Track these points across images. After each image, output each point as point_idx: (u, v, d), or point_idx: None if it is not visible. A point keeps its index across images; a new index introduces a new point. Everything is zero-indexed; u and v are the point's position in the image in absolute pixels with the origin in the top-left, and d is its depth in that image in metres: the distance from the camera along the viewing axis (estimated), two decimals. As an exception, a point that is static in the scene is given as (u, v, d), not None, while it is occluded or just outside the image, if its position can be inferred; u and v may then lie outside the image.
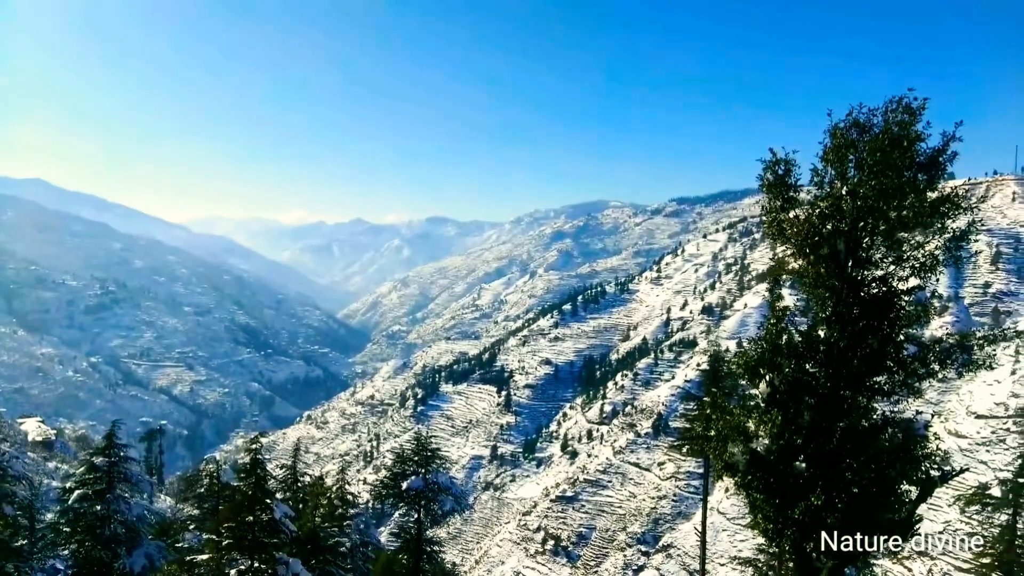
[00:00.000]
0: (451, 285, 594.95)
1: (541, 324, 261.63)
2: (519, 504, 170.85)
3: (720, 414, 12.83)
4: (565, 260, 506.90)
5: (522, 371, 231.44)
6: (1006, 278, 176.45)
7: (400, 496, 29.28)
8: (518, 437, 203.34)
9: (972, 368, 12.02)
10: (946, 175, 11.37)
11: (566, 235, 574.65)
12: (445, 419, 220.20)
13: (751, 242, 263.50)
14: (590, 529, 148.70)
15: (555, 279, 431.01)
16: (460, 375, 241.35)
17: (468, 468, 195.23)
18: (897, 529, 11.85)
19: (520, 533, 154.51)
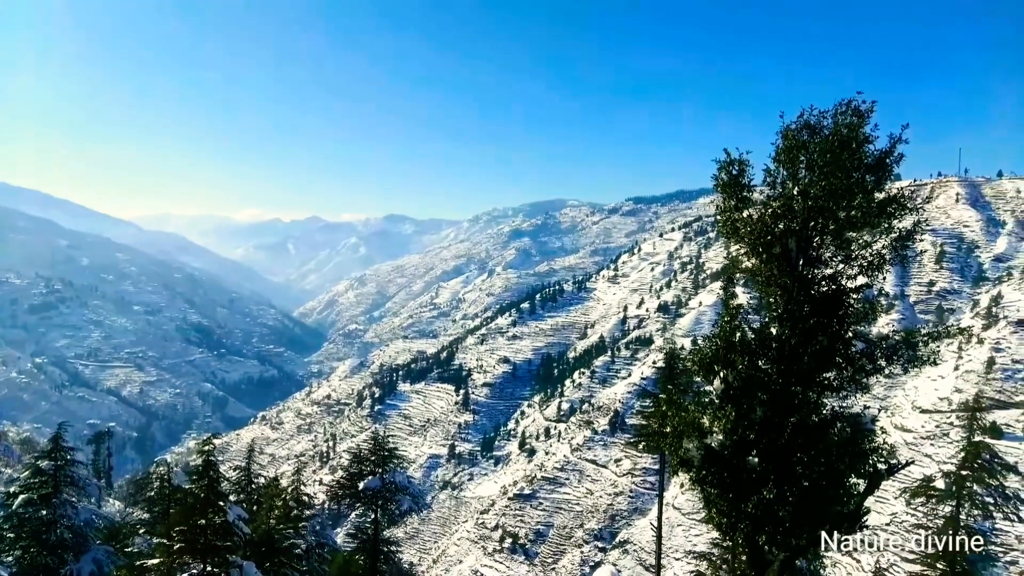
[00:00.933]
0: (409, 284, 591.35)
1: (499, 323, 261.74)
2: (477, 503, 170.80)
3: (675, 411, 12.98)
4: (523, 258, 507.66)
5: (480, 370, 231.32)
6: (949, 277, 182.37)
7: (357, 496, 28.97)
8: (476, 436, 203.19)
9: (917, 364, 12.33)
10: (892, 176, 11.67)
11: (524, 234, 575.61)
12: (403, 418, 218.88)
13: (706, 241, 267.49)
14: (548, 526, 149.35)
15: (513, 277, 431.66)
16: (418, 374, 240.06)
17: (426, 467, 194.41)
18: (846, 521, 12.13)
19: (478, 531, 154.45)
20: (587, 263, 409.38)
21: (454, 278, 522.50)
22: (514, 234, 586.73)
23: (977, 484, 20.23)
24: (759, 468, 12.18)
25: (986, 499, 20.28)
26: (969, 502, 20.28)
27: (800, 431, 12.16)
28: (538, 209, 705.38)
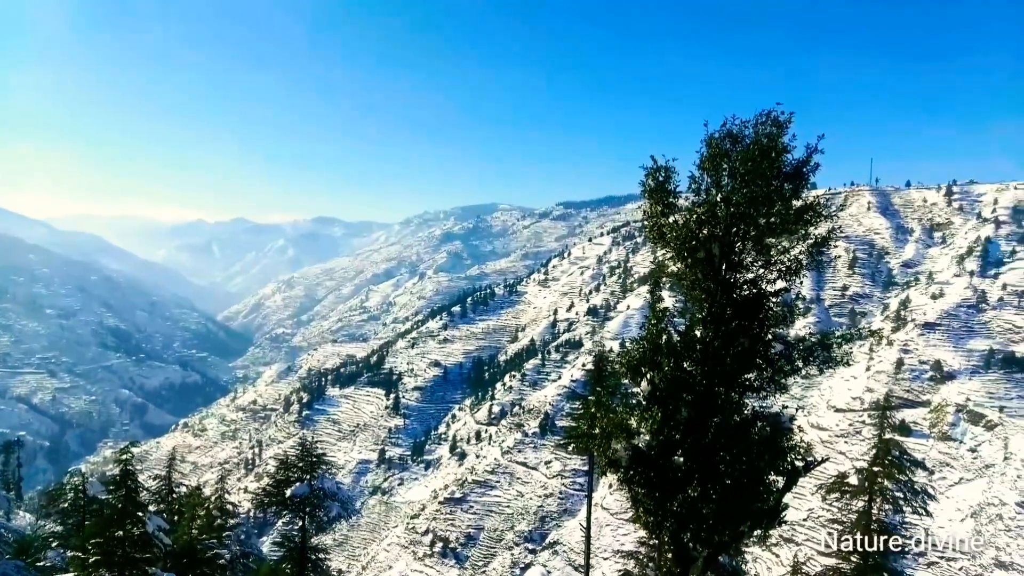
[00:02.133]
0: (338, 287, 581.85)
1: (430, 326, 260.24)
2: (407, 507, 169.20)
3: (604, 412, 13.18)
4: (455, 262, 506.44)
5: (411, 373, 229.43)
6: (861, 281, 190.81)
7: (284, 504, 28.28)
8: (407, 440, 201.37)
9: (831, 365, 12.83)
10: (809, 185, 12.13)
11: (456, 237, 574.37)
12: (332, 423, 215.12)
13: (634, 246, 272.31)
14: (478, 529, 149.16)
15: (445, 281, 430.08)
16: (347, 378, 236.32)
17: (355, 472, 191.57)
18: (766, 517, 12.51)
19: (408, 536, 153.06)
20: (518, 267, 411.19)
21: (385, 281, 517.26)
22: (445, 237, 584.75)
23: (887, 480, 21.16)
24: (684, 467, 12.45)
25: (896, 494, 21.23)
26: (880, 497, 21.20)
27: (723, 431, 12.49)
28: (470, 213, 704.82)
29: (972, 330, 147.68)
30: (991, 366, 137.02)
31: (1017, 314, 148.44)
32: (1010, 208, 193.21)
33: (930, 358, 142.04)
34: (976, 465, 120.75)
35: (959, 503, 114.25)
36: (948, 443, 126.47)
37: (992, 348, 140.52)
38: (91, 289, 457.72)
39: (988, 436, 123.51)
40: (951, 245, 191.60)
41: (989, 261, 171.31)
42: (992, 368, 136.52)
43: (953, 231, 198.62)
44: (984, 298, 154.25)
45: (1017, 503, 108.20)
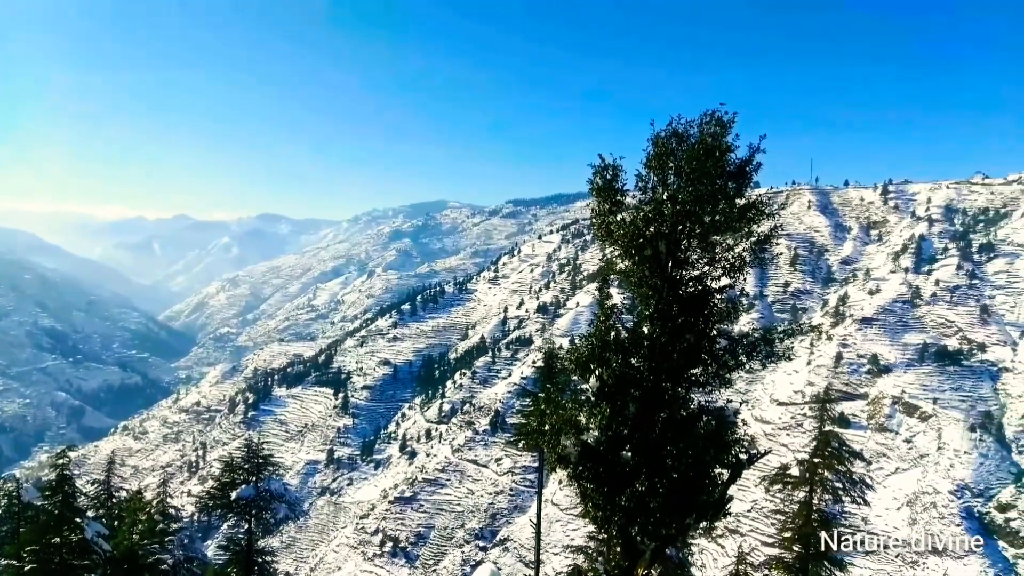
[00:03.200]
0: (285, 285, 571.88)
1: (380, 324, 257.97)
2: (357, 507, 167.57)
3: (553, 409, 13.25)
4: (404, 260, 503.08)
5: (360, 372, 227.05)
6: (802, 278, 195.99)
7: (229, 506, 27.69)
8: (356, 439, 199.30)
9: (774, 360, 13.12)
10: (752, 184, 12.39)
11: (405, 235, 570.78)
12: (279, 424, 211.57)
13: (583, 243, 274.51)
14: (429, 528, 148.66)
15: (394, 279, 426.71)
16: (295, 378, 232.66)
17: (304, 473, 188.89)
18: (711, 509, 12.75)
19: (357, 537, 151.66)
20: (468, 264, 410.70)
21: (333, 279, 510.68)
22: (395, 235, 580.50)
23: (828, 471, 21.77)
24: (632, 462, 12.58)
25: (836, 484, 21.85)
26: (821, 488, 21.80)
27: (670, 425, 12.66)
28: (419, 210, 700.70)
29: (907, 325, 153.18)
30: (925, 359, 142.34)
31: (949, 309, 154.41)
32: (942, 207, 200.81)
33: (867, 352, 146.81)
34: (911, 455, 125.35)
35: (895, 492, 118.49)
36: (885, 434, 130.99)
37: (926, 342, 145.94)
38: (24, 288, 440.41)
39: (922, 427, 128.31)
40: (887, 243, 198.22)
41: (923, 258, 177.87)
42: (926, 361, 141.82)
43: (889, 229, 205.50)
44: (918, 294, 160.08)
45: (950, 491, 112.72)
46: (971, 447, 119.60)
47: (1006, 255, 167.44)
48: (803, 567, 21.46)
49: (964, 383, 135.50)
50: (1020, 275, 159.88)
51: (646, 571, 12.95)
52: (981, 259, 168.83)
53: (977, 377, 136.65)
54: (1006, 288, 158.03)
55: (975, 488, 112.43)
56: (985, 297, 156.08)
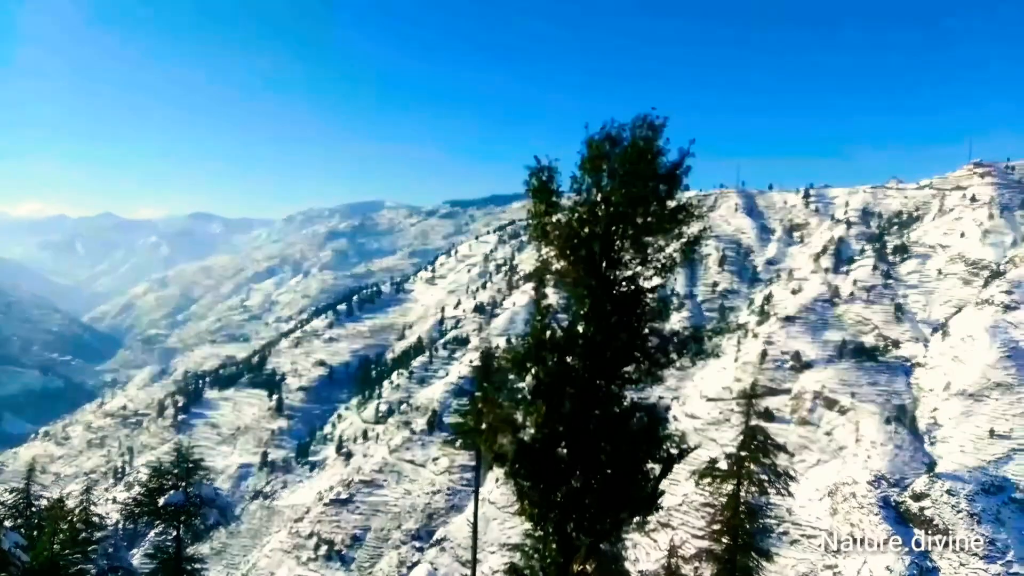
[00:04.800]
0: (217, 285, 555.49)
1: (315, 325, 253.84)
2: (291, 511, 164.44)
3: (490, 407, 13.33)
4: (340, 260, 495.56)
5: (295, 373, 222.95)
6: (730, 278, 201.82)
7: (157, 513, 26.81)
8: (291, 442, 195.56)
9: (703, 357, 13.51)
10: (682, 186, 12.74)
11: (342, 234, 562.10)
12: (210, 427, 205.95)
13: (519, 244, 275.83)
14: (365, 530, 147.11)
15: (330, 279, 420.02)
16: (227, 380, 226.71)
17: (236, 477, 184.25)
18: (644, 504, 13.04)
19: (292, 541, 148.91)
20: (405, 264, 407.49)
21: (267, 279, 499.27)
22: (331, 235, 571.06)
23: (754, 464, 22.46)
24: (568, 459, 12.76)
25: (761, 477, 22.55)
26: (748, 480, 22.48)
27: (604, 422, 12.89)
28: (356, 210, 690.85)
29: (827, 323, 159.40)
30: (843, 356, 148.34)
31: (866, 308, 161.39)
32: (859, 210, 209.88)
33: (790, 349, 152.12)
34: (831, 448, 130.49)
35: (817, 483, 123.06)
36: (807, 427, 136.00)
37: (844, 339, 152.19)
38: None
39: (841, 420, 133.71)
40: (808, 244, 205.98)
41: (842, 259, 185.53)
42: (844, 357, 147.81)
43: (810, 231, 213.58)
44: (837, 293, 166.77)
45: (868, 482, 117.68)
46: (887, 439, 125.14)
47: (918, 256, 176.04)
48: (731, 558, 22.12)
49: (880, 378, 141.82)
50: (931, 275, 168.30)
51: (581, 566, 13.17)
52: (895, 260, 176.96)
53: (892, 372, 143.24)
54: (918, 288, 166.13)
55: (891, 478, 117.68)
56: (899, 296, 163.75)
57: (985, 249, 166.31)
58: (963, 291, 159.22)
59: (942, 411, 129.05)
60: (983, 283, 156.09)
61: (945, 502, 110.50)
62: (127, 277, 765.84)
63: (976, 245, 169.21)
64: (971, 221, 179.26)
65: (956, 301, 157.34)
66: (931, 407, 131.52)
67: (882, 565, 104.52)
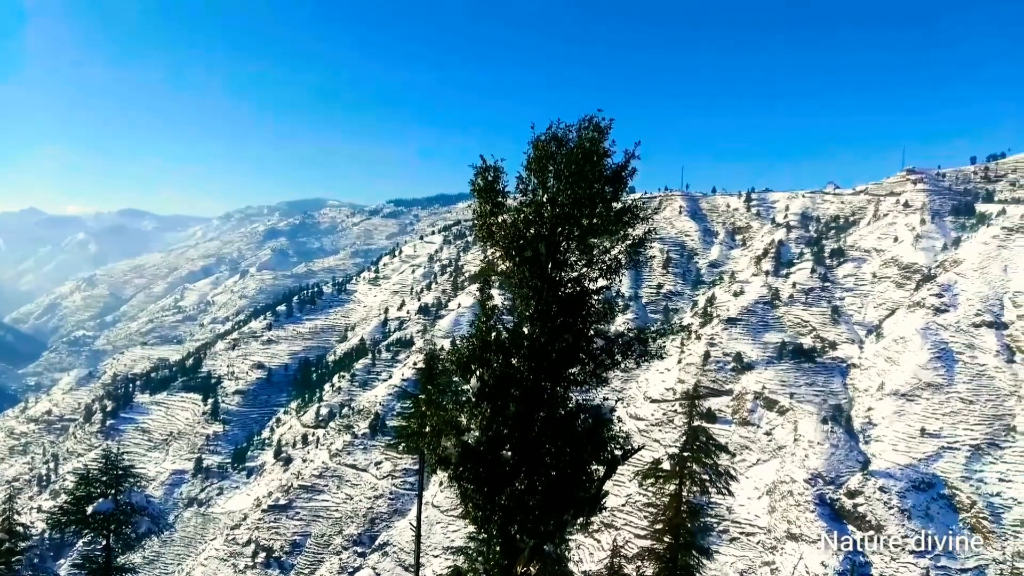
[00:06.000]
0: (149, 285, 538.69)
1: (253, 326, 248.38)
2: (227, 518, 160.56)
3: (434, 410, 13.16)
4: (280, 259, 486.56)
5: (232, 376, 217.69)
6: (674, 280, 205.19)
7: (85, 522, 25.74)
8: (227, 447, 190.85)
9: (647, 358, 13.58)
10: (627, 188, 12.81)
11: (281, 233, 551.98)
12: (141, 433, 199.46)
13: (465, 244, 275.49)
14: (305, 536, 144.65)
15: (269, 279, 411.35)
16: (159, 383, 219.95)
17: (169, 484, 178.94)
18: (588, 505, 13.04)
19: (228, 548, 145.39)
20: (347, 265, 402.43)
21: (202, 279, 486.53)
22: (270, 234, 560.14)
23: (696, 464, 22.78)
24: (512, 461, 12.69)
25: (703, 477, 22.88)
26: (690, 480, 22.78)
27: (549, 424, 12.85)
28: (296, 208, 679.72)
29: (767, 324, 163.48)
30: (783, 357, 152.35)
31: (804, 310, 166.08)
32: (799, 214, 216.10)
33: (732, 350, 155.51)
34: (771, 447, 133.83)
35: (756, 482, 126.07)
36: (747, 428, 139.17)
37: (784, 341, 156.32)
38: None
39: (781, 420, 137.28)
40: (750, 247, 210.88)
41: (782, 262, 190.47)
42: (784, 359, 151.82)
43: (752, 234, 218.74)
44: (777, 295, 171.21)
45: (805, 480, 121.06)
46: (823, 438, 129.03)
47: (854, 260, 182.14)
48: (673, 557, 22.36)
49: (817, 379, 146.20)
50: (866, 279, 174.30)
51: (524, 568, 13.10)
52: (832, 263, 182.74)
53: (829, 373, 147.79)
54: (854, 290, 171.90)
55: (827, 476, 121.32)
56: (836, 299, 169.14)
57: (917, 253, 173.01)
58: (896, 294, 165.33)
59: (876, 411, 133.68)
60: (915, 286, 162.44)
61: (878, 499, 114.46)
62: (53, 276, 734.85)
63: (909, 249, 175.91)
64: (904, 226, 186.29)
65: (889, 304, 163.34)
66: (866, 407, 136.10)
67: (817, 561, 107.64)
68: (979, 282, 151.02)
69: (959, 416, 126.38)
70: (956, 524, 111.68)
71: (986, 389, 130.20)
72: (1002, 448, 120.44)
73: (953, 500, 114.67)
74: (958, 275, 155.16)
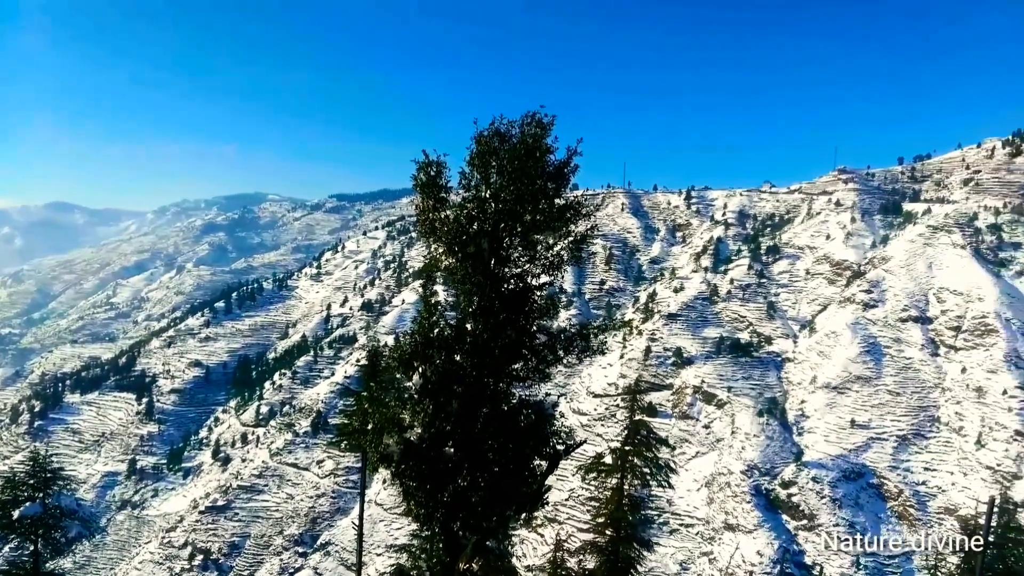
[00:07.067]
0: (79, 281, 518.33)
1: (190, 323, 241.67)
2: (163, 520, 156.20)
3: (376, 407, 13.03)
4: (218, 254, 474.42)
5: (168, 375, 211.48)
6: (616, 276, 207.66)
7: (11, 526, 24.71)
8: (162, 447, 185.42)
9: (590, 354, 13.73)
10: (570, 185, 12.90)
11: (220, 228, 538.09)
12: (71, 434, 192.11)
13: (409, 240, 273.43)
14: (244, 537, 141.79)
15: (207, 275, 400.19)
16: (91, 383, 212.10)
17: (101, 487, 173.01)
18: (531, 500, 13.11)
19: (163, 551, 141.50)
20: (289, 260, 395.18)
21: (136, 275, 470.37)
22: (208, 228, 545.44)
23: (637, 458, 23.10)
24: (455, 458, 12.67)
25: (644, 470, 23.21)
26: (631, 474, 23.10)
27: (492, 420, 12.87)
28: (235, 202, 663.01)
29: (706, 320, 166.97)
30: (721, 352, 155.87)
31: (741, 305, 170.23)
32: (736, 212, 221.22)
33: (673, 345, 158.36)
34: (709, 440, 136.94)
35: (695, 474, 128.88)
36: (687, 421, 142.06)
37: (722, 335, 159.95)
38: None
39: (719, 414, 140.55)
40: (690, 244, 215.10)
41: (720, 259, 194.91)
42: (722, 353, 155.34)
43: (692, 231, 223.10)
44: (716, 291, 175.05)
45: (741, 471, 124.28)
46: (759, 430, 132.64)
47: (789, 257, 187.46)
48: (614, 550, 22.66)
49: (754, 372, 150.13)
50: (800, 275, 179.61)
51: (467, 565, 13.10)
52: (768, 260, 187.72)
53: (764, 367, 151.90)
54: (789, 286, 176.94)
55: (762, 468, 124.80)
56: (771, 295, 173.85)
57: (848, 251, 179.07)
58: (828, 290, 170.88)
59: (809, 403, 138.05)
60: (845, 283, 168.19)
61: (811, 489, 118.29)
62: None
63: (840, 247, 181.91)
64: (836, 224, 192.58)
65: (822, 299, 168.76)
66: (799, 399, 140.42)
67: (753, 550, 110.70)
68: (905, 278, 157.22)
69: (887, 408, 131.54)
70: (884, 512, 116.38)
71: (912, 382, 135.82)
72: (927, 438, 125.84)
73: (881, 489, 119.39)
74: (886, 272, 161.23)
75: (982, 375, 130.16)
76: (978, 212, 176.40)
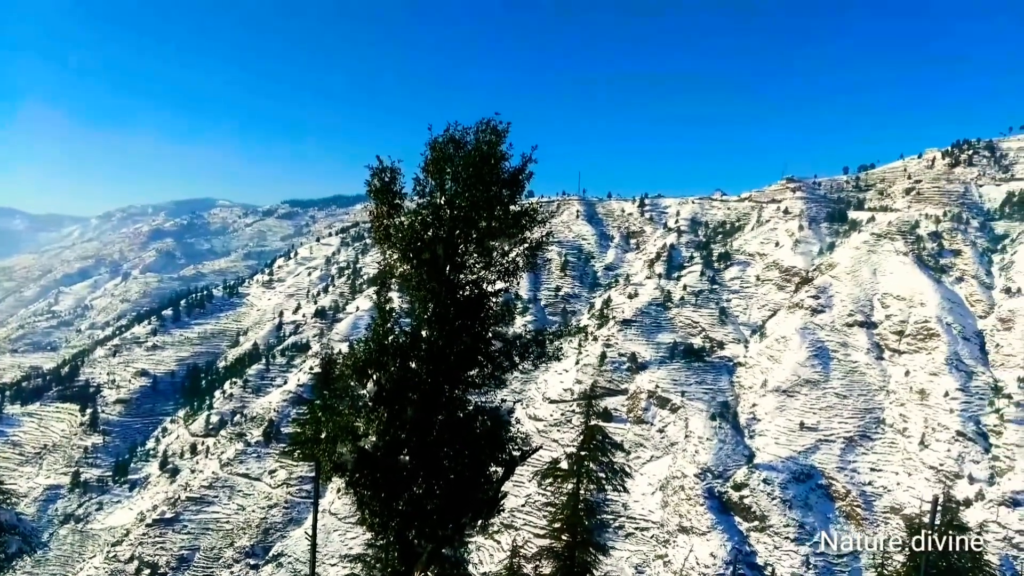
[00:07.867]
0: (19, 288, 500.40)
1: (137, 331, 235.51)
2: (108, 534, 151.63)
3: (330, 415, 12.86)
4: (166, 261, 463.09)
5: (113, 385, 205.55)
6: (572, 283, 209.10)
7: (-58, 546, 23.72)
8: (107, 459, 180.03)
9: (545, 360, 13.79)
10: (525, 192, 12.96)
11: (167, 234, 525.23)
12: (11, 446, 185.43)
13: (363, 247, 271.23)
14: (193, 550, 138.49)
15: (154, 282, 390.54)
16: (32, 393, 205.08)
17: (43, 500, 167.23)
18: (487, 507, 13.09)
19: (109, 566, 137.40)
20: (240, 267, 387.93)
21: (80, 282, 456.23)
22: (155, 234, 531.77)
23: (592, 462, 23.24)
24: (410, 466, 12.58)
25: (600, 474, 23.36)
26: (587, 478, 23.22)
27: (447, 427, 12.82)
28: (184, 208, 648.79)
29: (660, 326, 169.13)
30: (675, 357, 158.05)
31: (694, 311, 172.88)
32: (689, 219, 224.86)
33: (627, 351, 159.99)
34: (664, 444, 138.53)
35: (650, 478, 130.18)
36: (642, 426, 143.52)
37: (676, 341, 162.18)
38: None
39: (672, 418, 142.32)
40: (644, 251, 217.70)
41: (673, 265, 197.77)
42: (676, 358, 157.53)
43: (646, 238, 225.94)
44: (669, 297, 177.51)
45: (695, 474, 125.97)
46: (712, 434, 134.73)
47: (739, 263, 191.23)
48: (571, 555, 22.74)
49: (707, 377, 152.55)
50: (751, 281, 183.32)
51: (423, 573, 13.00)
52: (720, 267, 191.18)
53: (717, 371, 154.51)
54: (739, 292, 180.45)
55: (715, 470, 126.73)
56: (723, 300, 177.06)
57: (796, 257, 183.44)
58: (777, 296, 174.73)
59: (760, 406, 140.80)
60: (794, 289, 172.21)
61: (762, 491, 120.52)
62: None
63: (788, 254, 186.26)
64: (784, 232, 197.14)
65: (772, 305, 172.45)
66: (751, 403, 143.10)
67: (707, 552, 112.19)
68: (851, 284, 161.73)
69: (834, 410, 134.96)
70: (833, 512, 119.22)
71: (858, 384, 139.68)
72: (873, 439, 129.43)
73: (830, 490, 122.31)
74: (833, 278, 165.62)
75: (925, 378, 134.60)
76: (919, 220, 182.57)
